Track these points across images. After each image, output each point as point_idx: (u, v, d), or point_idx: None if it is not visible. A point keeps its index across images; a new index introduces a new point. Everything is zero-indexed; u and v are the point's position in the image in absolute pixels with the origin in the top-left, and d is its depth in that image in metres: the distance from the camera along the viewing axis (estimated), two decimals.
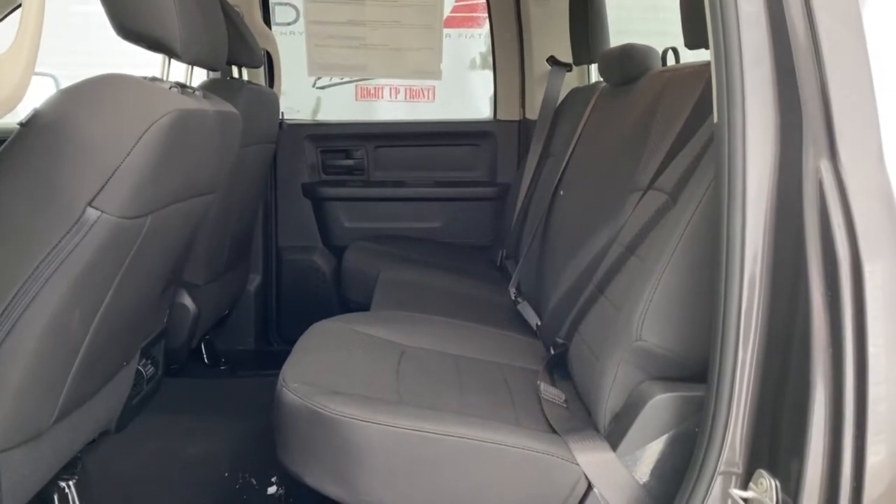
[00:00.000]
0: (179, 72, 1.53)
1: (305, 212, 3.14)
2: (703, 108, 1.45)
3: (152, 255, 1.46)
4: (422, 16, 3.28)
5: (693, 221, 1.28)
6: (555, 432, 1.36)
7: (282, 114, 2.84)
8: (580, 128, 2.40)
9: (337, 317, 1.87)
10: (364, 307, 2.34)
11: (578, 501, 1.26)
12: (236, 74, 2.59)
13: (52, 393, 1.32)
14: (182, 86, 1.46)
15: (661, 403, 1.24)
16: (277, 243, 3.13)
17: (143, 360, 1.86)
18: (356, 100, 3.61)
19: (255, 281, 2.97)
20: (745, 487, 1.05)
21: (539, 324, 2.06)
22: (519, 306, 2.28)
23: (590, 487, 1.25)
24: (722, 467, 1.06)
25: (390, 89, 3.60)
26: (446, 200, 3.18)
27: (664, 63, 2.15)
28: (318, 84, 3.58)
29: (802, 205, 0.98)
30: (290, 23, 3.41)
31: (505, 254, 2.83)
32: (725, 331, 1.04)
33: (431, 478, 1.31)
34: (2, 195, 1.18)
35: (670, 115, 1.65)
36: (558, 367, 1.69)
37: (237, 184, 2.19)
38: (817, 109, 0.99)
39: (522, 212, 2.72)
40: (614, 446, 1.27)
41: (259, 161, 2.49)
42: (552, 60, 2.92)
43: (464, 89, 3.67)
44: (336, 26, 3.27)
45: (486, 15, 3.19)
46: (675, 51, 2.10)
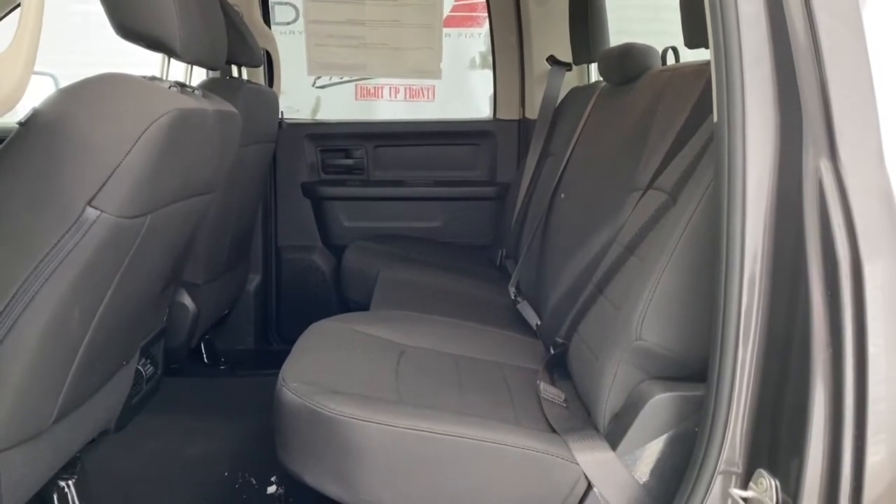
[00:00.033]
0: (179, 71, 1.53)
1: (305, 211, 3.14)
2: (702, 108, 1.44)
3: (152, 255, 1.46)
4: (421, 15, 3.28)
5: (693, 221, 1.28)
6: (554, 432, 1.36)
7: (281, 113, 2.84)
8: (580, 127, 2.39)
9: (336, 316, 1.87)
10: (363, 307, 2.34)
11: (578, 501, 1.26)
12: (236, 74, 2.59)
13: (51, 392, 1.31)
14: (182, 85, 1.46)
15: (661, 403, 1.24)
16: (277, 243, 3.13)
17: (142, 360, 1.86)
18: (356, 99, 3.61)
19: (254, 280, 2.97)
20: (744, 487, 1.05)
21: (539, 323, 2.06)
22: (518, 306, 2.28)
23: (589, 487, 1.25)
24: (722, 467, 1.06)
25: (390, 89, 3.59)
26: (446, 200, 3.18)
27: (664, 62, 2.15)
28: (317, 83, 3.57)
29: (802, 204, 0.98)
30: (289, 22, 3.41)
31: (504, 253, 2.83)
32: (725, 330, 1.04)
33: (431, 477, 1.31)
34: (1, 194, 1.18)
35: (670, 114, 1.65)
36: (558, 366, 1.69)
37: (237, 183, 2.19)
38: (817, 109, 0.99)
39: (522, 211, 2.72)
40: (614, 446, 1.27)
41: (258, 160, 2.49)
42: (552, 60, 2.91)
43: (463, 89, 3.66)
44: (336, 25, 3.27)
45: (486, 14, 3.19)
46: (674, 50, 2.10)
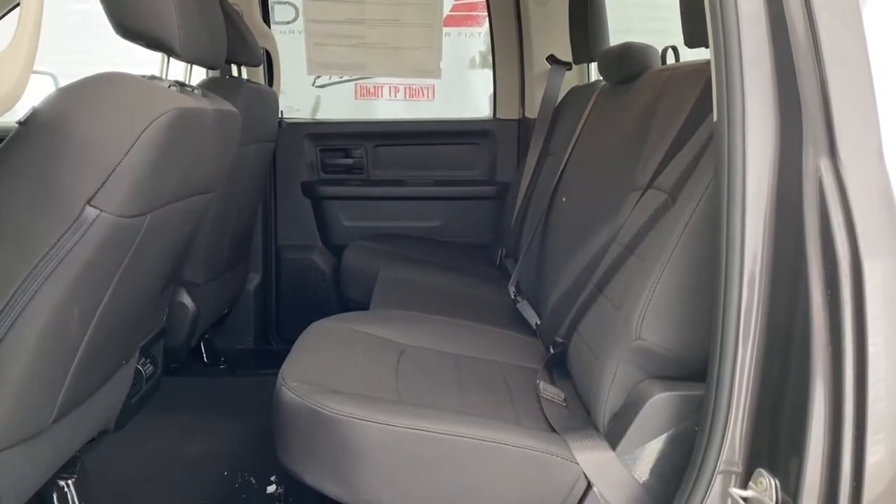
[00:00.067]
0: (178, 70, 1.53)
1: (305, 211, 3.14)
2: (702, 107, 1.44)
3: (151, 254, 1.46)
4: (421, 14, 3.28)
5: (693, 220, 1.28)
6: (554, 431, 1.36)
7: (281, 112, 2.84)
8: (580, 126, 2.39)
9: (336, 316, 1.87)
10: (363, 306, 2.34)
11: (578, 500, 1.26)
12: (235, 73, 2.59)
13: (51, 391, 1.31)
14: (181, 84, 1.46)
15: (661, 402, 1.24)
16: (277, 242, 3.13)
17: (142, 359, 1.86)
18: (355, 98, 3.61)
19: (254, 280, 2.97)
20: (744, 486, 1.05)
21: (538, 323, 2.06)
22: (518, 305, 2.28)
23: (589, 486, 1.25)
24: (721, 466, 1.06)
25: (390, 88, 3.59)
26: (446, 199, 3.18)
27: (664, 62, 2.15)
28: (317, 83, 3.57)
29: (802, 204, 0.98)
30: (289, 21, 3.41)
31: (504, 253, 2.83)
32: (725, 330, 1.04)
33: (430, 477, 1.31)
34: (1, 194, 1.18)
35: (670, 113, 1.65)
36: (558, 366, 1.69)
37: (236, 182, 2.19)
38: (817, 108, 0.99)
39: (522, 211, 2.72)
40: (614, 445, 1.27)
41: (258, 160, 2.49)
42: (552, 59, 2.91)
43: (463, 88, 3.66)
44: (335, 25, 3.27)
45: (486, 13, 3.19)
46: (674, 49, 2.10)
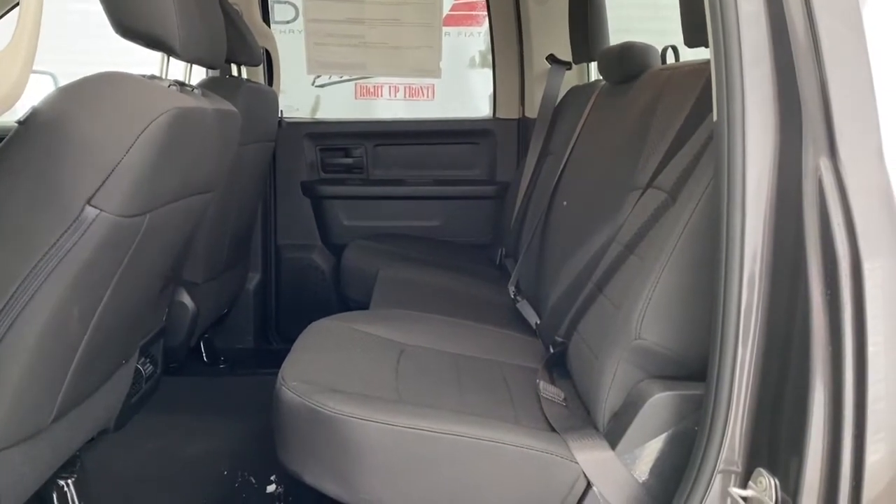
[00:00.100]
0: (178, 70, 1.53)
1: (304, 210, 3.14)
2: (702, 107, 1.44)
3: (151, 254, 1.46)
4: (421, 14, 3.27)
5: (692, 220, 1.28)
6: (554, 431, 1.36)
7: (281, 112, 2.84)
8: (580, 126, 2.39)
9: (336, 315, 1.87)
10: (363, 305, 2.34)
11: (577, 500, 1.26)
12: (235, 73, 2.59)
13: (50, 391, 1.31)
14: (181, 84, 1.46)
15: (661, 402, 1.24)
16: (276, 242, 3.13)
17: (141, 359, 1.86)
18: (355, 98, 3.61)
19: (254, 279, 2.97)
20: (744, 486, 1.05)
21: (538, 322, 2.06)
22: (518, 305, 2.28)
23: (589, 486, 1.25)
24: (721, 466, 1.06)
25: (389, 87, 3.59)
26: (445, 199, 3.18)
27: (664, 61, 2.15)
28: (317, 82, 3.57)
29: (802, 203, 0.98)
30: (289, 21, 3.41)
31: (504, 252, 2.83)
32: (725, 329, 1.04)
33: (430, 476, 1.31)
34: (0, 193, 1.18)
35: (670, 113, 1.65)
36: (557, 365, 1.69)
37: (236, 182, 2.19)
38: (817, 108, 0.99)
39: (522, 210, 2.72)
40: (613, 445, 1.27)
41: (258, 159, 2.49)
42: (552, 58, 2.91)
43: (463, 87, 3.66)
44: (335, 24, 3.27)
45: (486, 13, 3.19)
46: (674, 49, 2.10)
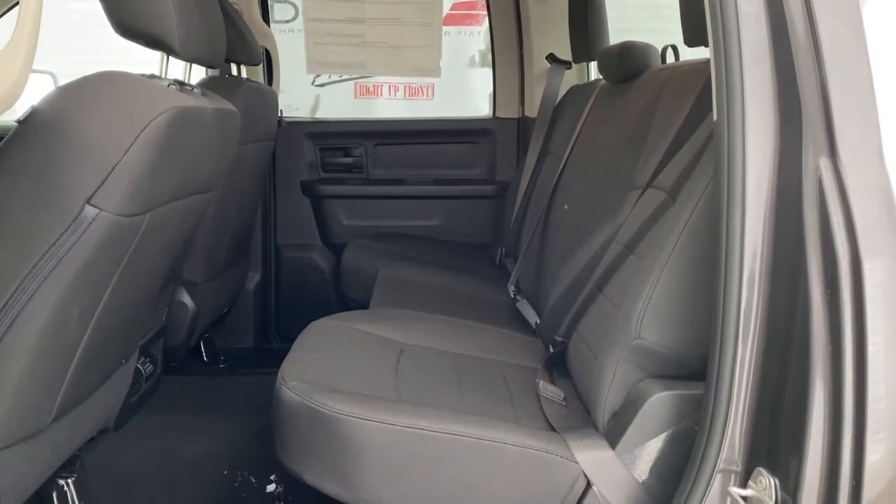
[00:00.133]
0: (178, 69, 1.53)
1: (304, 210, 3.14)
2: (702, 106, 1.44)
3: (151, 253, 1.46)
4: (421, 13, 3.27)
5: (692, 219, 1.28)
6: (554, 430, 1.36)
7: (280, 111, 2.84)
8: (579, 125, 2.39)
9: (336, 315, 1.87)
10: (363, 305, 2.34)
11: (577, 499, 1.26)
12: (235, 72, 2.59)
13: (50, 390, 1.31)
14: (181, 83, 1.46)
15: (660, 401, 1.23)
16: (276, 241, 3.13)
17: (141, 358, 1.86)
18: (355, 97, 3.60)
19: (253, 279, 2.97)
20: (744, 485, 1.05)
21: (538, 322, 2.06)
22: (518, 304, 2.28)
23: (588, 485, 1.25)
24: (721, 465, 1.06)
25: (389, 87, 3.59)
26: (445, 198, 3.18)
27: (664, 61, 2.15)
28: (316, 82, 3.57)
29: (802, 203, 0.98)
30: (288, 20, 3.40)
31: (504, 252, 2.83)
32: (725, 329, 1.04)
33: (430, 476, 1.31)
34: (0, 193, 1.18)
35: (670, 112, 1.65)
36: (557, 365, 1.69)
37: (236, 182, 2.19)
38: (817, 108, 0.99)
39: (521, 210, 2.72)
40: (613, 444, 1.27)
41: (258, 159, 2.48)
42: (551, 58, 2.91)
43: (463, 87, 3.66)
44: (335, 24, 3.27)
45: (486, 12, 3.19)
46: (674, 48, 2.10)
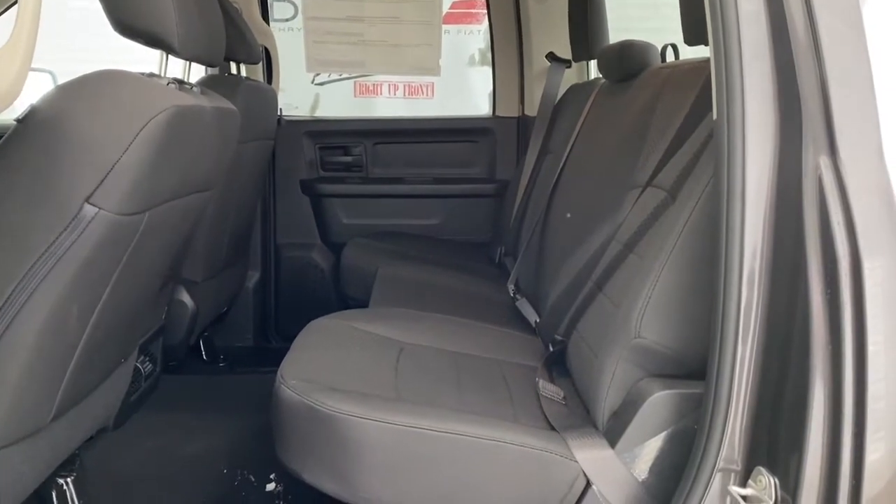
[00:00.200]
0: (177, 68, 1.53)
1: (304, 208, 3.14)
2: (702, 105, 1.44)
3: (150, 252, 1.46)
4: (421, 12, 3.27)
5: (692, 218, 1.28)
6: (553, 429, 1.36)
7: (280, 110, 2.84)
8: (579, 124, 2.39)
9: (335, 313, 1.87)
10: (362, 304, 2.34)
11: (577, 499, 1.26)
12: (234, 71, 2.59)
13: (49, 389, 1.31)
14: (180, 82, 1.46)
15: (660, 400, 1.23)
16: (276, 240, 3.13)
17: (141, 357, 1.86)
18: (355, 96, 3.60)
19: (253, 278, 2.97)
20: (743, 484, 1.05)
21: (538, 321, 2.06)
22: (518, 303, 2.28)
23: (588, 485, 1.25)
24: (721, 464, 1.06)
25: (389, 86, 3.59)
26: (445, 197, 3.18)
27: (663, 59, 2.15)
28: (316, 80, 3.56)
29: (802, 202, 0.98)
30: (288, 19, 3.40)
31: (504, 251, 2.83)
32: (724, 328, 1.04)
33: (429, 475, 1.31)
34: None
35: (669, 111, 1.65)
36: (557, 364, 1.69)
37: (235, 180, 2.19)
38: (817, 107, 0.99)
39: (521, 208, 2.72)
40: (613, 443, 1.27)
41: (257, 158, 2.48)
42: (551, 57, 2.91)
43: (463, 86, 3.65)
44: (335, 22, 3.27)
45: (486, 11, 3.19)
46: (674, 47, 2.10)
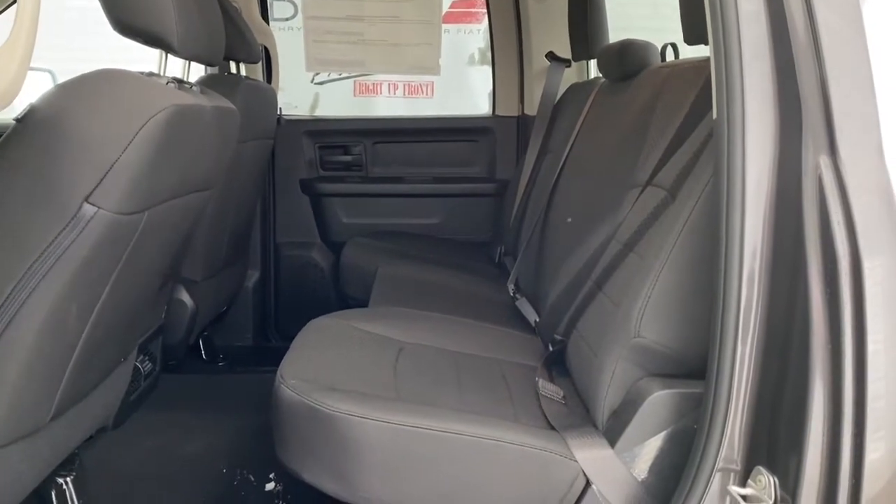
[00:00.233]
0: (177, 67, 1.52)
1: (303, 208, 3.14)
2: (702, 104, 1.44)
3: (149, 252, 1.46)
4: (420, 11, 3.27)
5: (692, 218, 1.27)
6: (553, 429, 1.36)
7: (280, 109, 2.84)
8: (579, 124, 2.39)
9: (335, 313, 1.86)
10: (362, 303, 2.34)
11: (576, 498, 1.26)
12: (234, 70, 2.59)
13: (49, 389, 1.31)
14: (179, 81, 1.45)
15: (660, 400, 1.23)
16: (275, 239, 3.13)
17: (140, 357, 1.85)
18: (354, 95, 3.59)
19: (253, 277, 2.97)
20: (743, 484, 1.05)
21: (537, 320, 2.06)
22: (517, 303, 2.28)
23: (588, 484, 1.25)
24: (720, 464, 1.06)
25: (389, 85, 3.58)
26: (445, 196, 3.18)
27: (663, 59, 2.14)
28: (316, 80, 3.56)
29: (802, 201, 0.98)
30: (288, 18, 3.40)
31: (503, 250, 2.83)
32: (724, 327, 1.04)
33: (429, 474, 1.31)
34: None
35: (669, 110, 1.64)
36: (557, 363, 1.69)
37: (235, 180, 2.19)
38: (817, 106, 0.99)
39: (521, 208, 2.71)
40: (612, 443, 1.27)
41: (257, 157, 2.48)
42: (551, 56, 2.91)
43: (462, 85, 3.65)
44: (334, 22, 3.27)
45: (485, 10, 3.19)
46: (674, 46, 2.10)
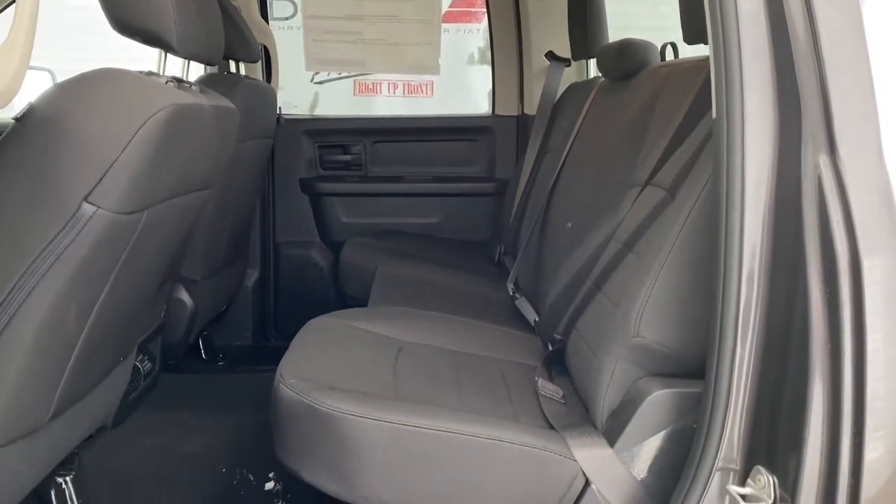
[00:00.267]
0: (176, 67, 1.52)
1: (303, 207, 3.14)
2: (701, 104, 1.44)
3: (149, 251, 1.46)
4: (420, 11, 3.27)
5: (691, 217, 1.27)
6: (552, 428, 1.36)
7: (279, 109, 2.84)
8: (578, 123, 2.39)
9: (334, 312, 1.86)
10: (362, 303, 2.34)
11: (576, 498, 1.26)
12: (233, 69, 2.59)
13: (48, 388, 1.31)
14: (179, 80, 1.45)
15: (659, 400, 1.23)
16: (275, 239, 3.13)
17: (140, 356, 1.86)
18: (354, 95, 3.60)
19: (252, 276, 2.97)
20: (742, 484, 1.05)
21: (537, 320, 2.06)
22: (517, 302, 2.28)
23: (587, 484, 1.25)
24: (720, 463, 1.06)
25: (388, 84, 3.58)
26: (444, 196, 3.18)
27: (663, 58, 2.14)
28: (315, 79, 3.56)
29: (801, 201, 0.98)
30: (287, 17, 3.40)
31: (503, 249, 2.83)
32: (724, 327, 1.04)
33: (428, 473, 1.31)
34: None
35: (669, 110, 1.64)
36: (556, 363, 1.69)
37: (234, 179, 2.19)
38: (817, 106, 0.99)
39: (521, 207, 2.72)
40: (612, 442, 1.27)
41: (256, 156, 2.48)
42: (551, 55, 2.91)
43: (462, 84, 3.65)
44: (334, 21, 3.27)
45: (485, 10, 3.19)
46: (673, 46, 2.10)
